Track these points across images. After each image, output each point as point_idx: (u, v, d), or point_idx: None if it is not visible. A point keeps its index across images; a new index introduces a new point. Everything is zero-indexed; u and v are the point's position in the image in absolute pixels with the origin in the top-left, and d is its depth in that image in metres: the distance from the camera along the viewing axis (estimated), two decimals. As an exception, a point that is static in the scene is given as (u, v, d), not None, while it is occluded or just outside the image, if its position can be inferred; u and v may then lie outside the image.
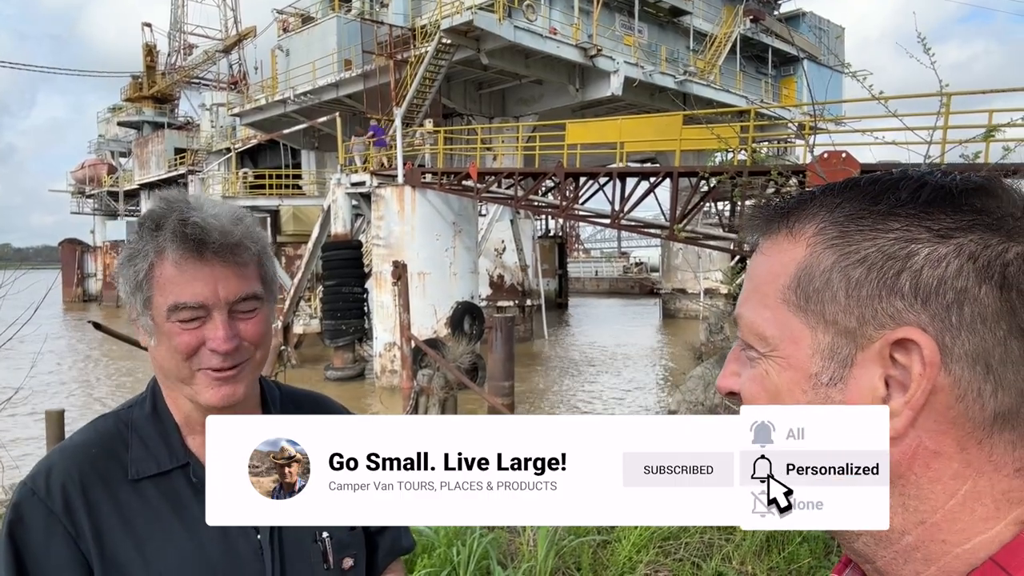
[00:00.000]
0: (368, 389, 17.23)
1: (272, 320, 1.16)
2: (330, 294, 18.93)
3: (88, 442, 1.07)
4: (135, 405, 1.12)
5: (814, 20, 30.58)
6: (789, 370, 0.56)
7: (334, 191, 19.40)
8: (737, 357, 0.62)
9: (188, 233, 1.01)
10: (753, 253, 0.63)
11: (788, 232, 0.59)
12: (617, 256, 63.49)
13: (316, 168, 29.43)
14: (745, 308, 0.61)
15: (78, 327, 29.66)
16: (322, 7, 26.74)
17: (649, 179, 13.85)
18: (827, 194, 0.59)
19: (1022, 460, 0.52)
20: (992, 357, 0.50)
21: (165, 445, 1.08)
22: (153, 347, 1.06)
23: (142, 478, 1.05)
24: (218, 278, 1.03)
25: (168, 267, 1.02)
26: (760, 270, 0.60)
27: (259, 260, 1.09)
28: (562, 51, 20.67)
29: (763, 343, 0.58)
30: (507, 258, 25.16)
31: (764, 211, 0.63)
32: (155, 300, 1.03)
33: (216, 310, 1.02)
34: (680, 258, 29.84)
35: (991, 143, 7.43)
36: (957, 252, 0.51)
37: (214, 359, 1.03)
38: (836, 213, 0.56)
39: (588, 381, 18.26)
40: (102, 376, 19.72)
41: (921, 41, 5.78)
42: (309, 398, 1.30)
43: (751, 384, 0.59)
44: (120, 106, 49.27)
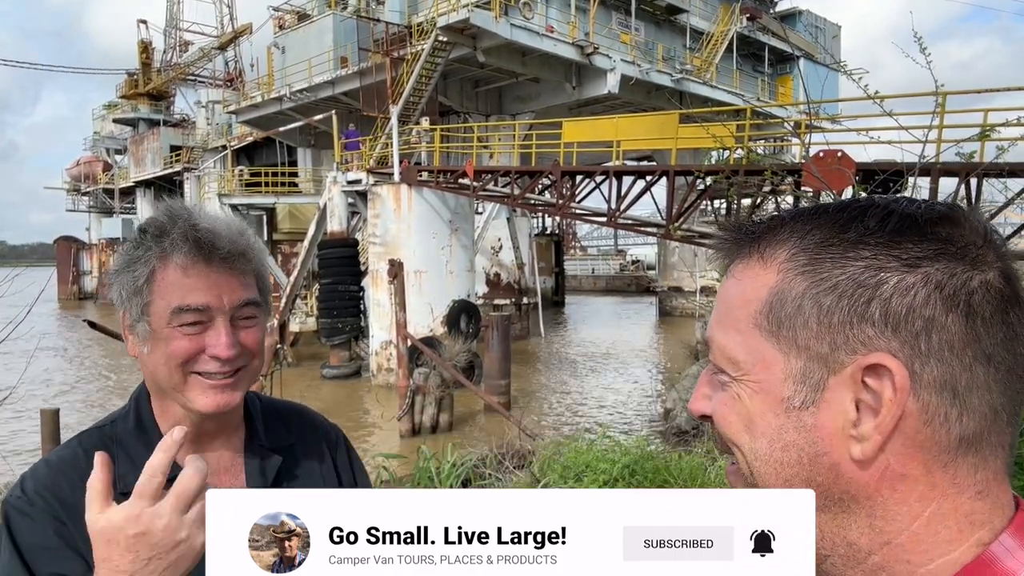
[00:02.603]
0: (364, 387, 17.22)
1: (267, 329, 1.17)
2: (326, 292, 18.92)
3: (74, 457, 1.06)
4: (117, 420, 1.11)
5: (810, 19, 30.58)
6: (761, 394, 0.57)
7: (330, 189, 19.37)
8: (709, 380, 0.63)
9: (200, 238, 1.03)
10: (723, 277, 0.64)
11: (759, 257, 0.60)
12: (614, 254, 63.52)
13: (312, 166, 29.37)
14: (716, 332, 0.62)
15: (73, 325, 29.60)
16: (318, 4, 26.66)
17: (645, 178, 13.86)
18: (797, 220, 0.59)
19: (984, 483, 0.54)
20: (959, 383, 0.52)
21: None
22: (145, 355, 1.05)
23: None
24: (222, 285, 1.04)
25: (172, 272, 1.03)
26: (731, 293, 0.61)
27: (258, 272, 1.11)
28: (559, 49, 20.65)
29: (734, 367, 0.59)
30: (504, 256, 25.16)
31: (733, 234, 0.64)
32: (155, 304, 1.02)
33: (219, 316, 1.03)
34: (676, 256, 29.87)
35: (986, 142, 7.44)
36: (924, 281, 0.53)
37: (212, 364, 1.03)
38: (807, 240, 0.57)
39: (585, 379, 18.28)
40: (97, 375, 19.68)
41: (917, 40, 5.79)
42: (291, 410, 1.29)
43: (722, 407, 0.60)
44: (115, 103, 49.05)
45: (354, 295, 19.03)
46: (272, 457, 1.16)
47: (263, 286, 1.12)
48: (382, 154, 19.02)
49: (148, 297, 1.03)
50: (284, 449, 1.19)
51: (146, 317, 1.03)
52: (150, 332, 1.03)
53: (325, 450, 1.27)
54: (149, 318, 1.03)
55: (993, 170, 8.32)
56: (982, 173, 8.59)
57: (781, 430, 0.56)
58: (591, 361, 20.95)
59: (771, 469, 0.57)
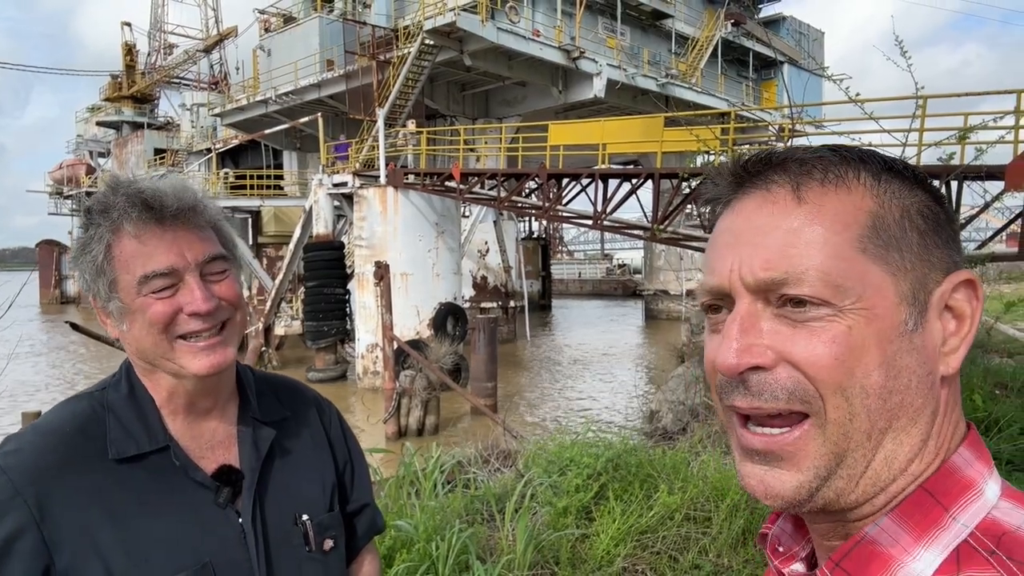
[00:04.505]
0: (350, 390, 17.15)
1: (241, 284, 1.15)
2: (312, 295, 18.84)
3: (63, 422, 1.04)
4: (109, 387, 1.09)
5: (794, 24, 30.89)
6: (876, 320, 0.55)
7: (316, 192, 19.31)
8: (754, 326, 0.57)
9: (146, 199, 1.01)
10: (757, 204, 0.59)
11: (839, 181, 0.58)
12: (600, 258, 63.63)
13: (298, 168, 29.28)
14: (809, 260, 0.56)
15: (56, 328, 29.27)
16: (304, 7, 26.62)
17: (631, 181, 13.93)
18: (833, 151, 0.60)
19: (957, 398, 0.61)
20: None
21: (144, 427, 1.05)
22: (125, 331, 1.03)
23: (122, 459, 1.01)
24: (181, 242, 1.02)
25: (128, 242, 1.01)
26: (816, 219, 0.57)
27: (216, 225, 1.09)
28: (545, 53, 20.73)
29: (842, 295, 0.55)
30: (490, 259, 25.17)
31: (751, 166, 0.61)
32: (121, 279, 1.01)
33: (188, 273, 1.02)
34: (663, 260, 30.01)
35: (965, 145, 7.54)
36: (949, 213, 0.59)
37: (194, 323, 1.02)
38: (870, 167, 0.59)
39: (571, 382, 18.29)
40: (79, 377, 19.47)
41: (899, 44, 5.88)
42: (284, 384, 1.29)
43: (823, 346, 0.55)
44: (99, 106, 48.63)
45: (340, 298, 18.96)
46: (265, 429, 1.16)
47: (225, 239, 1.10)
48: (368, 156, 19.00)
49: (112, 274, 1.01)
50: (278, 422, 1.18)
51: (115, 294, 1.01)
52: (123, 308, 1.01)
53: (319, 424, 1.26)
54: (119, 294, 1.01)
55: (972, 172, 8.44)
56: (962, 175, 8.71)
57: (896, 355, 0.56)
58: (577, 364, 20.98)
59: (879, 403, 0.55)
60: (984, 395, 5.45)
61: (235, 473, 1.09)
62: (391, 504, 3.84)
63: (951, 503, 0.55)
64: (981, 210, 10.02)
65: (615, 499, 3.68)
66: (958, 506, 0.55)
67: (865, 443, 0.56)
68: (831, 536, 0.61)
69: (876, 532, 0.56)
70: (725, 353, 0.57)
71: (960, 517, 0.54)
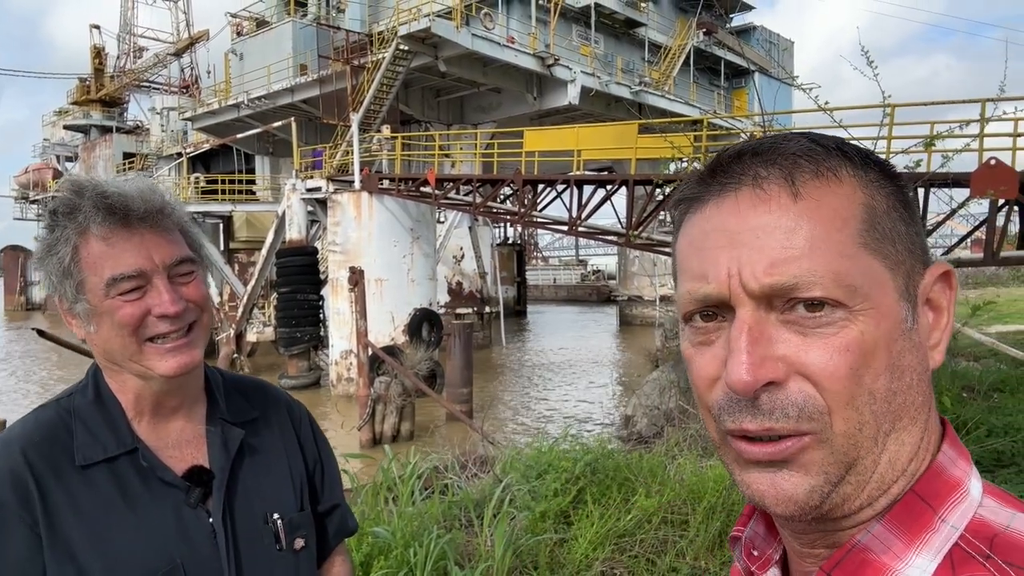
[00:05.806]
0: (324, 397, 17.00)
1: (208, 285, 1.16)
2: (285, 301, 18.66)
3: (30, 431, 1.04)
4: (75, 393, 1.09)
5: (764, 34, 31.38)
6: (883, 320, 0.52)
7: (289, 196, 19.16)
8: (763, 336, 0.52)
9: (111, 204, 1.00)
10: (746, 205, 0.54)
11: (830, 174, 0.54)
12: (575, 264, 63.92)
13: (271, 173, 29.02)
14: (817, 261, 0.51)
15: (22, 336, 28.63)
16: (277, 11, 26.44)
17: (606, 187, 14.02)
18: (814, 142, 0.56)
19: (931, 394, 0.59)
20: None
21: (111, 430, 1.05)
22: (92, 333, 1.03)
23: (90, 464, 1.02)
24: (149, 245, 1.02)
25: (95, 244, 1.01)
26: (816, 215, 0.53)
27: (183, 228, 1.10)
28: (520, 60, 20.80)
29: (852, 296, 0.51)
30: (466, 265, 25.15)
31: (727, 163, 0.57)
32: (89, 281, 1.00)
33: (156, 276, 1.02)
34: (637, 265, 30.23)
35: (932, 152, 7.70)
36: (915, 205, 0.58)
37: (162, 325, 1.02)
38: (853, 158, 0.56)
39: (546, 387, 18.32)
40: (45, 385, 19.05)
41: (864, 54, 6.00)
42: (253, 385, 1.28)
43: (838, 355, 0.51)
44: (67, 109, 47.80)
45: (313, 304, 18.80)
46: (234, 430, 1.16)
47: (192, 241, 1.10)
48: (342, 162, 18.89)
49: (79, 276, 1.01)
50: (247, 423, 1.18)
51: (83, 296, 1.01)
52: (91, 310, 1.01)
53: (289, 425, 1.26)
54: (86, 296, 1.01)
55: (939, 179, 8.62)
56: (928, 182, 8.90)
57: (900, 355, 0.53)
58: (552, 369, 21.02)
59: (885, 407, 0.53)
60: (952, 398, 5.57)
61: (206, 473, 1.10)
62: (368, 511, 3.81)
63: (940, 505, 0.54)
64: (947, 216, 10.25)
65: (593, 503, 3.69)
66: (946, 507, 0.53)
67: (873, 449, 0.53)
68: (817, 544, 0.58)
69: (868, 539, 0.54)
70: (737, 369, 0.51)
71: (949, 519, 0.53)
